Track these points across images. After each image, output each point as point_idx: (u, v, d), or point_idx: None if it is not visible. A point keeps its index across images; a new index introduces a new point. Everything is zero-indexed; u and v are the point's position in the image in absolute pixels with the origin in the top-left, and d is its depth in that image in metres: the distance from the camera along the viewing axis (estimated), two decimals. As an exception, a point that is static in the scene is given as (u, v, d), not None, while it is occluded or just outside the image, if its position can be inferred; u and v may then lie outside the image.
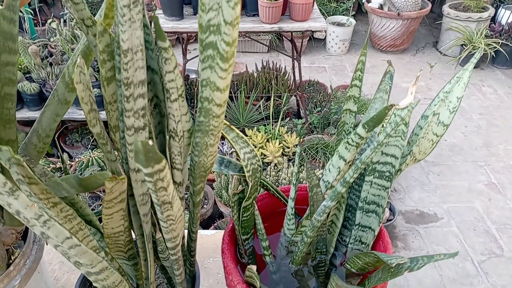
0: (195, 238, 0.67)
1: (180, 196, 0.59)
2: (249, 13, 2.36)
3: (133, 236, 0.62)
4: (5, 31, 0.52)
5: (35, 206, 0.41)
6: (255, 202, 0.68)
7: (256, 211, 0.68)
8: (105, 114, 0.52)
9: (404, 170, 0.66)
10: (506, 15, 3.83)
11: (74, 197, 0.63)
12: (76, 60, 0.60)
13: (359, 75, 0.68)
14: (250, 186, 0.65)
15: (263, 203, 0.75)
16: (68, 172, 0.70)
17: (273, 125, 2.60)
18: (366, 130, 0.56)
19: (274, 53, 4.07)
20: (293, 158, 2.45)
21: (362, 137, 0.58)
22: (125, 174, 0.54)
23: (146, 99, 0.48)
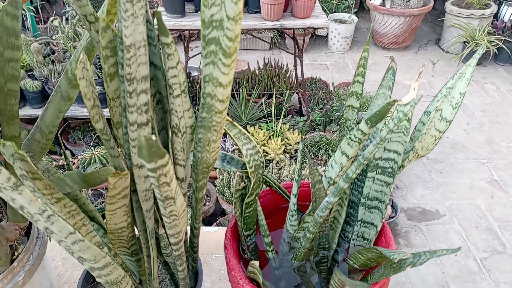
0: (197, 234, 0.67)
1: (183, 192, 0.59)
2: (251, 10, 2.36)
3: (136, 232, 0.62)
4: (8, 27, 0.53)
5: (39, 201, 0.41)
6: (257, 198, 0.68)
7: (258, 207, 0.68)
8: (107, 111, 0.52)
9: (406, 166, 0.66)
10: (508, 12, 3.82)
11: (77, 193, 0.63)
12: (78, 56, 0.60)
13: (362, 71, 0.68)
14: (252, 182, 0.65)
15: (266, 199, 0.75)
16: (71, 168, 0.70)
17: (275, 123, 2.60)
18: (368, 126, 0.56)
19: (276, 50, 4.07)
20: (295, 155, 2.45)
21: (364, 133, 0.58)
22: (128, 170, 0.54)
23: (149, 94, 0.48)
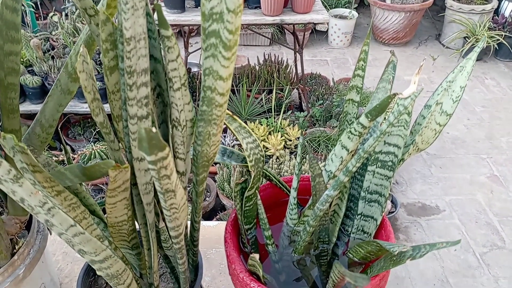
0: (198, 228, 0.68)
1: (183, 186, 0.59)
2: (251, 6, 2.35)
3: (137, 226, 0.62)
4: (8, 20, 0.52)
5: (39, 193, 0.41)
6: (257, 192, 0.68)
7: (258, 201, 0.68)
8: (108, 106, 0.52)
9: (406, 160, 0.66)
10: (509, 7, 3.81)
11: (77, 187, 0.63)
12: (78, 50, 0.60)
13: (362, 65, 0.68)
14: (252, 176, 0.65)
15: (266, 193, 0.75)
16: (71, 163, 0.70)
17: (275, 118, 2.60)
18: (369, 119, 0.56)
19: (276, 46, 4.06)
20: (295, 151, 2.45)
21: (364, 127, 0.58)
22: (128, 163, 0.55)
23: (149, 88, 0.48)
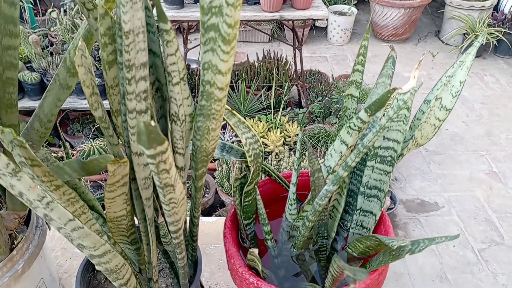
0: (197, 223, 0.68)
1: (182, 181, 0.59)
2: (250, 2, 2.34)
3: (136, 221, 0.62)
4: (6, 14, 0.52)
5: (38, 187, 0.41)
6: (256, 187, 0.68)
7: (258, 196, 0.68)
8: (107, 103, 0.52)
9: (405, 155, 0.66)
10: (509, 4, 3.80)
11: (76, 182, 0.63)
12: (77, 44, 0.60)
13: (361, 60, 0.67)
14: (252, 171, 0.65)
15: (265, 188, 0.75)
16: (70, 158, 0.70)
17: (274, 115, 2.60)
18: (368, 114, 0.56)
19: (275, 42, 4.05)
20: (294, 147, 2.45)
21: (364, 121, 0.58)
22: (127, 157, 0.54)
23: (147, 82, 0.48)
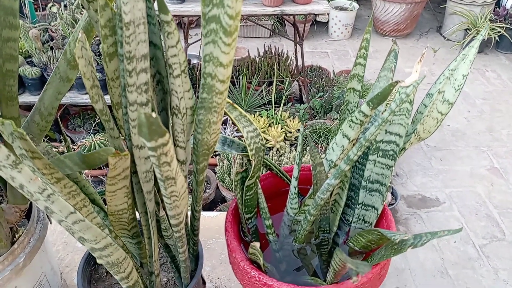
0: (198, 217, 0.67)
1: (183, 175, 0.59)
2: (251, -4, 2.34)
3: (137, 215, 0.62)
4: (6, 6, 0.52)
5: (39, 179, 0.41)
6: (258, 181, 0.68)
7: (259, 190, 0.68)
8: (107, 98, 0.52)
9: (407, 149, 0.66)
10: (511, -1, 3.79)
11: (77, 175, 0.63)
12: (77, 36, 0.60)
13: (364, 53, 0.67)
14: (253, 165, 0.65)
15: (266, 182, 0.75)
16: (71, 152, 0.70)
17: (275, 110, 2.59)
18: (370, 107, 0.56)
19: (276, 38, 4.04)
20: (295, 143, 2.44)
21: (366, 115, 0.57)
22: (128, 151, 0.54)
23: (148, 74, 0.48)
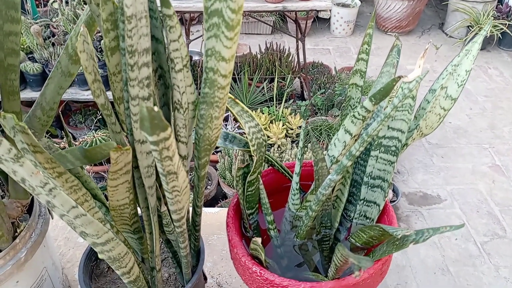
0: (199, 212, 0.67)
1: (185, 170, 0.59)
2: (252, -7, 2.33)
3: (139, 211, 0.62)
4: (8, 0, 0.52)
5: (40, 173, 0.41)
6: (260, 176, 0.67)
7: (261, 186, 0.68)
8: (109, 94, 0.52)
9: (410, 144, 0.66)
10: (514, -4, 3.77)
11: (79, 170, 0.62)
12: (79, 30, 0.59)
13: (366, 49, 0.67)
14: (255, 160, 0.65)
15: (268, 178, 0.75)
16: (72, 146, 0.70)
17: (276, 107, 2.59)
18: (373, 103, 0.56)
19: (277, 34, 4.03)
20: (296, 139, 2.44)
21: (368, 110, 0.57)
22: (130, 145, 0.54)
23: (150, 68, 0.47)
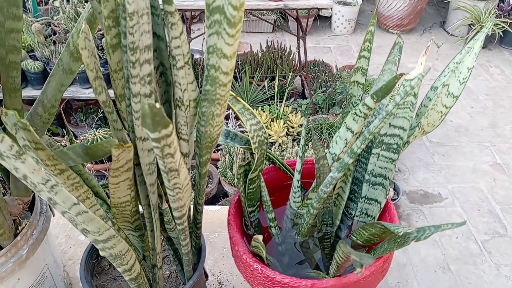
0: (201, 210, 0.67)
1: (186, 167, 0.59)
2: (254, -9, 2.32)
3: (140, 208, 0.62)
4: (9, -3, 0.52)
5: (42, 170, 0.41)
6: (261, 174, 0.67)
7: (262, 183, 0.68)
8: (111, 92, 0.52)
9: (411, 142, 0.66)
10: (515, -6, 3.76)
11: (80, 168, 0.62)
12: (80, 28, 0.59)
13: (368, 46, 0.67)
14: (256, 158, 0.65)
15: (269, 176, 0.75)
16: (74, 143, 0.70)
17: (277, 105, 2.59)
18: (374, 100, 0.56)
19: (278, 33, 4.03)
20: (297, 138, 2.44)
21: (370, 108, 0.57)
22: (131, 143, 0.54)
23: (152, 65, 0.47)
